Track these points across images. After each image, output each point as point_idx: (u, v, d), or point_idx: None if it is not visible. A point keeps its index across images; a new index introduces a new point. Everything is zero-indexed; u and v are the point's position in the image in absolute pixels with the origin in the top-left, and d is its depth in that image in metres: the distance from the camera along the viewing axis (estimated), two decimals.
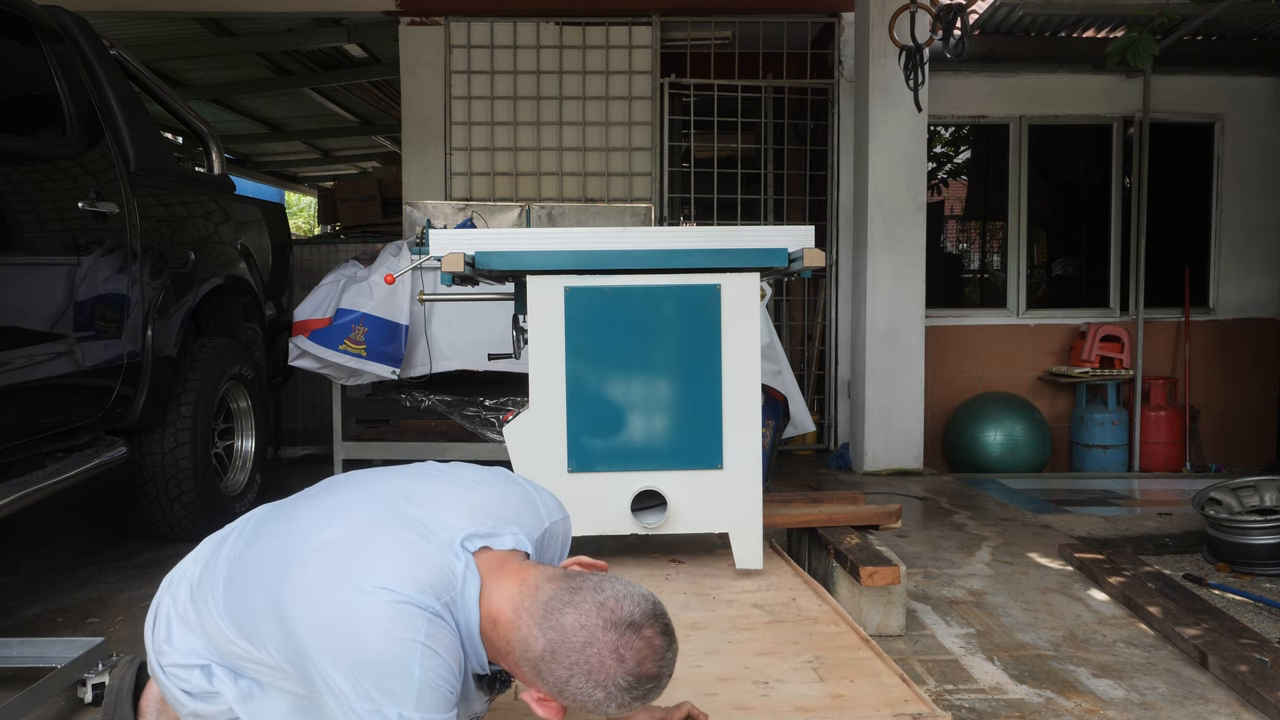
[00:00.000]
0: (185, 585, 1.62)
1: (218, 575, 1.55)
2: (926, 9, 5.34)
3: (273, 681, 1.50)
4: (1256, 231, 6.85)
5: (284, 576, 1.42)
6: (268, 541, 1.53)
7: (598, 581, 1.40)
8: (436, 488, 1.55)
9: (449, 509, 1.48)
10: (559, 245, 2.84)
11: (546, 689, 1.37)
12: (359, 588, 1.35)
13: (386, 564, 1.38)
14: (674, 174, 6.41)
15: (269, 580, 1.44)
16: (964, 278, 7.50)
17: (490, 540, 1.46)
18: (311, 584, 1.39)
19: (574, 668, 1.34)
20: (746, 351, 2.85)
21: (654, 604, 1.39)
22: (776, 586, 2.68)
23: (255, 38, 7.62)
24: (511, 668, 1.42)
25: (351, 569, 1.38)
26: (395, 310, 4.44)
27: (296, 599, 1.39)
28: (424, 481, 1.57)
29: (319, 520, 1.50)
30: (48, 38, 3.36)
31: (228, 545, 1.60)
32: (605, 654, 1.33)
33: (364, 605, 1.34)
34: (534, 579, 1.41)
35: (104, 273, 3.27)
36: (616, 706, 1.35)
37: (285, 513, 1.59)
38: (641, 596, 1.39)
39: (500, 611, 1.39)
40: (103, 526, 4.39)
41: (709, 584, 2.71)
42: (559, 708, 1.40)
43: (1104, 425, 6.55)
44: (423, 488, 1.54)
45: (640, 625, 1.35)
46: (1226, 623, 3.01)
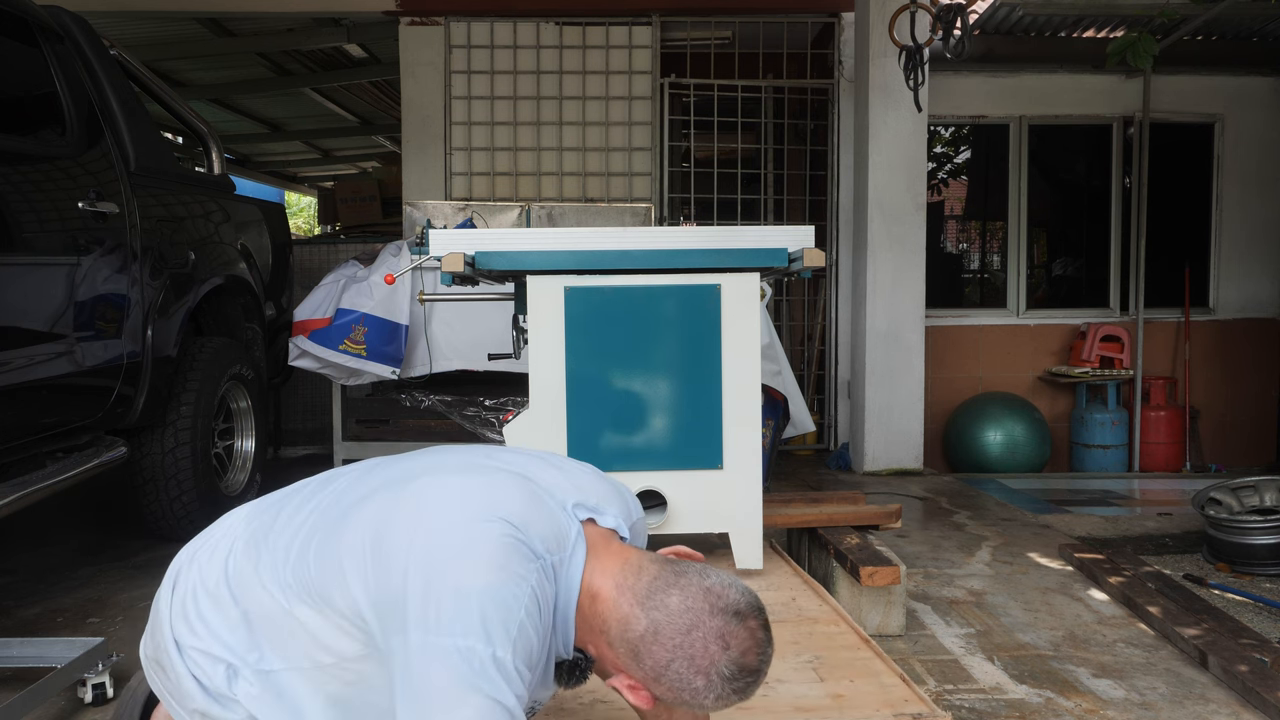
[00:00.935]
0: (217, 557, 1.48)
1: (285, 531, 1.43)
2: (926, 9, 5.34)
3: (316, 670, 1.38)
4: (1256, 231, 6.85)
5: (390, 498, 1.35)
6: (363, 484, 1.44)
7: (701, 569, 1.35)
8: (535, 457, 1.51)
9: (555, 477, 1.44)
10: (559, 245, 2.84)
11: (642, 674, 1.30)
12: (476, 513, 1.29)
13: (509, 500, 1.33)
14: (674, 174, 6.41)
15: (368, 510, 1.35)
16: (964, 278, 7.50)
17: (596, 515, 1.42)
18: (425, 500, 1.32)
19: (676, 650, 1.28)
20: (746, 351, 2.85)
21: (756, 597, 1.35)
22: (776, 586, 2.67)
23: (255, 38, 7.62)
24: (603, 651, 1.34)
25: (470, 494, 1.33)
26: (395, 310, 4.44)
27: (404, 515, 1.31)
28: (520, 454, 1.53)
29: (427, 463, 1.44)
30: (48, 38, 3.36)
31: (296, 501, 1.49)
32: (710, 639, 1.27)
33: (481, 531, 1.27)
34: (636, 559, 1.36)
35: (104, 273, 3.27)
36: (714, 698, 1.29)
37: (375, 466, 1.50)
38: (745, 588, 1.34)
39: (602, 587, 1.33)
40: (103, 526, 4.39)
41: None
42: (649, 696, 1.33)
43: (1104, 425, 6.55)
44: (521, 456, 1.50)
45: (745, 615, 1.31)
46: (1226, 623, 3.01)
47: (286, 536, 1.43)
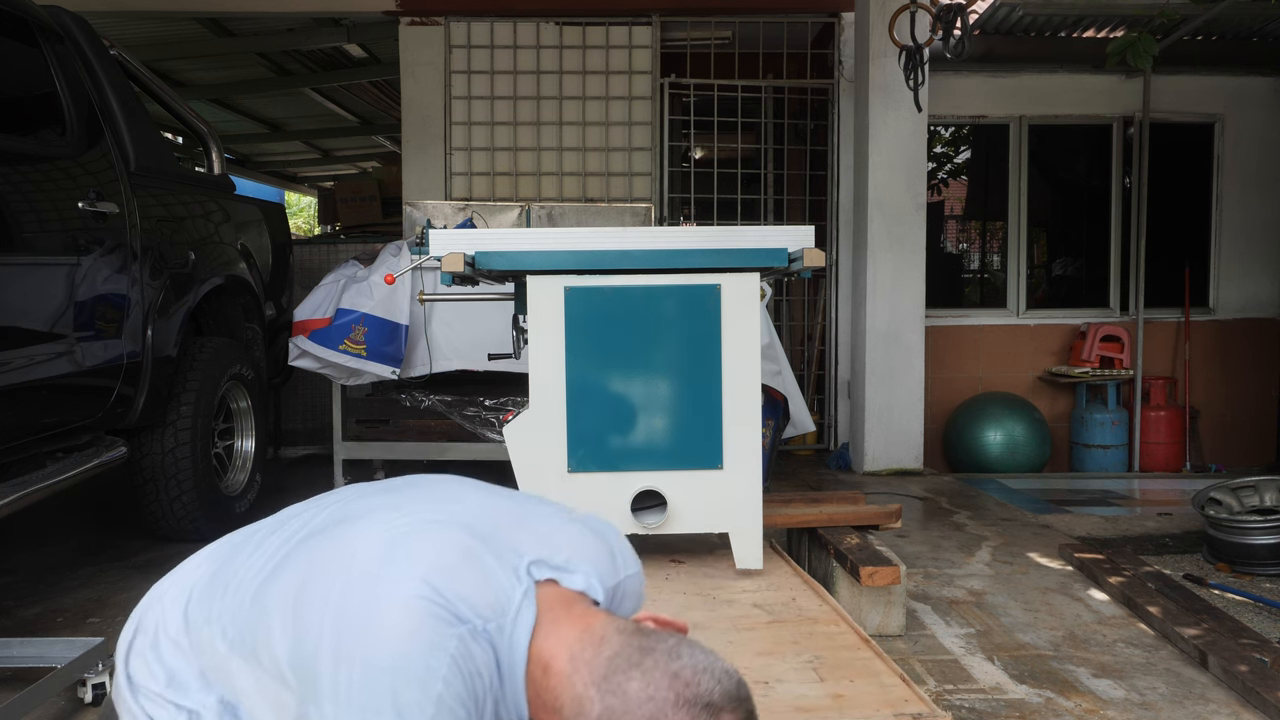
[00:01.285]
0: (179, 601, 1.40)
1: (225, 590, 1.35)
2: (926, 9, 5.34)
3: None
4: (1256, 231, 6.85)
5: (318, 549, 1.26)
6: (303, 529, 1.36)
7: (674, 645, 1.15)
8: (504, 507, 1.38)
9: (518, 531, 1.30)
10: (559, 245, 2.84)
11: None
12: (396, 574, 1.18)
13: (435, 559, 1.20)
14: (674, 174, 6.41)
15: (299, 560, 1.27)
16: (964, 278, 7.50)
17: (560, 575, 1.25)
18: (346, 557, 1.22)
19: None
20: (746, 351, 2.85)
21: (738, 684, 1.15)
22: (776, 586, 2.68)
23: (255, 38, 7.63)
24: None
25: (394, 552, 1.21)
26: (395, 310, 4.44)
27: (326, 571, 1.22)
28: (499, 498, 1.41)
29: (375, 516, 1.32)
30: (48, 38, 3.36)
31: (251, 544, 1.40)
32: None
33: (395, 593, 1.16)
34: (600, 629, 1.19)
35: (104, 273, 3.27)
36: None
37: (342, 507, 1.40)
38: (724, 673, 1.14)
39: (554, 658, 1.18)
40: (103, 526, 4.39)
41: (709, 584, 2.70)
42: None
43: (1104, 425, 6.55)
44: (497, 502, 1.39)
45: (719, 708, 1.10)
46: (1226, 623, 3.01)
47: (235, 583, 1.34)
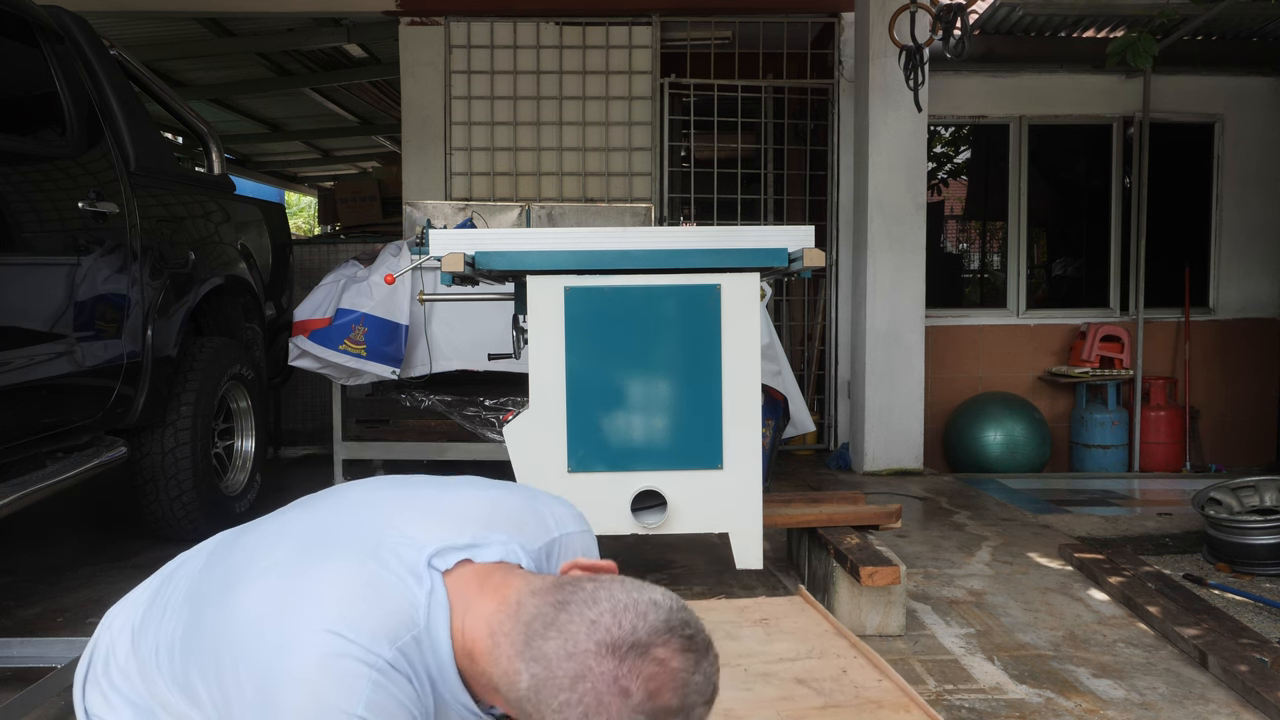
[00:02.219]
0: (127, 630, 1.33)
1: (160, 617, 1.28)
2: (926, 9, 5.34)
3: None
4: (1256, 231, 6.85)
5: (218, 614, 1.17)
6: (221, 570, 1.26)
7: (592, 591, 1.07)
8: (410, 495, 1.29)
9: (420, 522, 1.21)
10: (559, 245, 2.84)
11: None
12: (291, 634, 1.09)
13: (329, 601, 1.11)
14: (674, 174, 6.41)
15: (210, 618, 1.19)
16: (964, 278, 7.50)
17: (470, 553, 1.16)
18: (243, 624, 1.14)
19: (566, 710, 1.02)
20: (746, 351, 2.85)
21: (669, 611, 1.06)
22: (820, 653, 2.12)
23: (255, 38, 7.63)
24: (504, 708, 1.13)
25: (287, 608, 1.12)
26: (395, 310, 4.45)
27: (226, 640, 1.14)
28: (397, 489, 1.32)
29: (270, 541, 1.24)
30: (48, 38, 3.36)
31: (179, 576, 1.33)
32: (604, 689, 1.01)
33: (294, 662, 1.08)
34: (516, 594, 1.11)
35: (104, 273, 3.27)
36: None
37: (238, 537, 1.31)
38: (650, 605, 1.06)
39: (476, 640, 1.10)
40: (103, 526, 4.39)
41: (734, 649, 2.13)
42: None
43: (1104, 425, 6.55)
44: (393, 495, 1.30)
45: (648, 645, 1.03)
46: (1226, 623, 3.01)
47: (163, 624, 1.29)
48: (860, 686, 1.94)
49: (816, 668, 2.04)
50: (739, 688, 1.93)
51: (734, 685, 1.94)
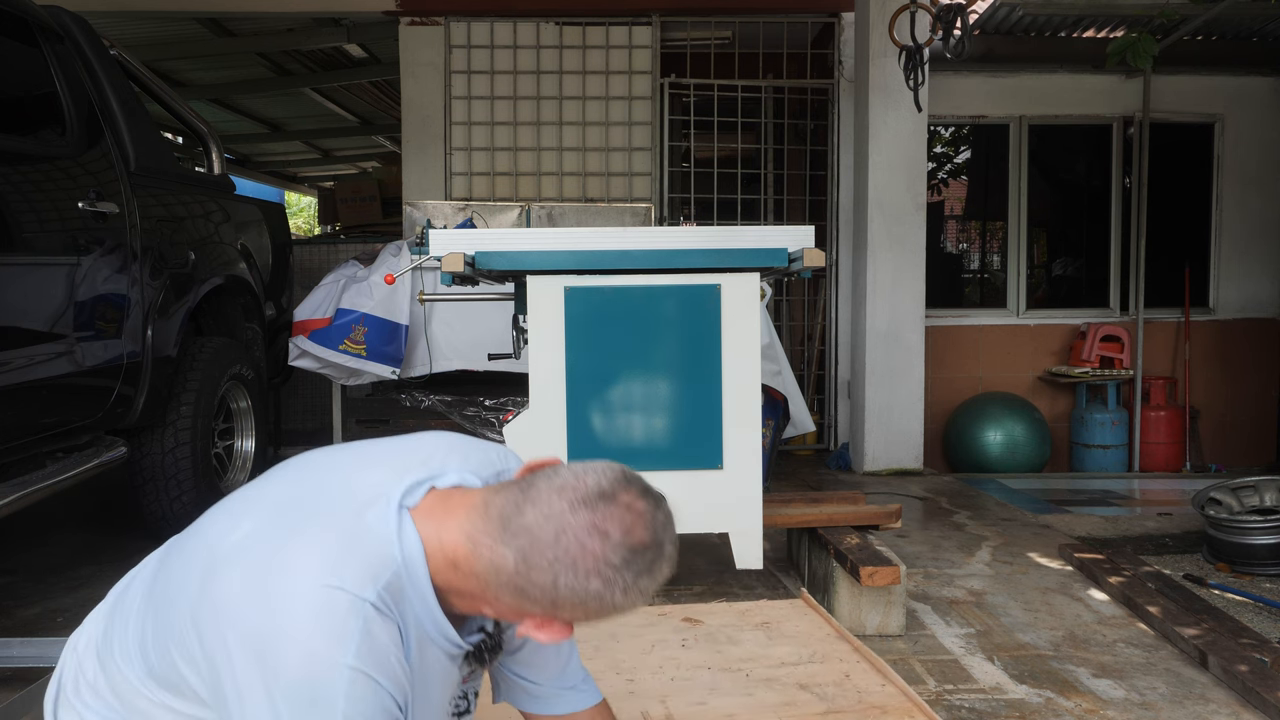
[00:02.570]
0: (91, 648, 1.35)
1: (124, 628, 1.30)
2: (926, 9, 5.34)
3: None
4: (1256, 231, 6.85)
5: (199, 592, 1.19)
6: (179, 560, 1.27)
7: (549, 471, 1.19)
8: (364, 452, 1.33)
9: (379, 471, 1.26)
10: (559, 245, 2.85)
11: (539, 608, 1.16)
12: (279, 596, 1.13)
13: (310, 560, 1.15)
14: (674, 174, 6.41)
15: (185, 600, 1.20)
16: (964, 278, 7.50)
17: (431, 482, 1.23)
18: (225, 596, 1.16)
19: (556, 565, 1.12)
20: (746, 351, 2.85)
21: (621, 470, 1.18)
22: (822, 657, 2.12)
23: (255, 38, 7.63)
24: (493, 607, 1.20)
25: (270, 574, 1.15)
26: (395, 310, 4.45)
27: (211, 619, 1.16)
28: (349, 451, 1.36)
29: (228, 521, 1.26)
30: (48, 38, 3.36)
31: (135, 584, 1.35)
32: (584, 535, 1.12)
33: (285, 619, 1.12)
34: (481, 499, 1.20)
35: (104, 273, 3.27)
36: (623, 593, 1.14)
37: (196, 526, 1.33)
38: (605, 466, 1.18)
39: (456, 548, 1.17)
40: (103, 526, 4.39)
41: (736, 653, 2.14)
42: (562, 625, 1.20)
43: (1104, 425, 6.55)
44: (347, 456, 1.34)
45: (613, 493, 1.14)
46: (1226, 623, 3.01)
47: (131, 624, 1.30)
48: (863, 691, 1.92)
49: (819, 672, 2.02)
50: (741, 693, 1.91)
51: (736, 690, 1.92)
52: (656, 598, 3.29)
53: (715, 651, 2.13)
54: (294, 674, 1.10)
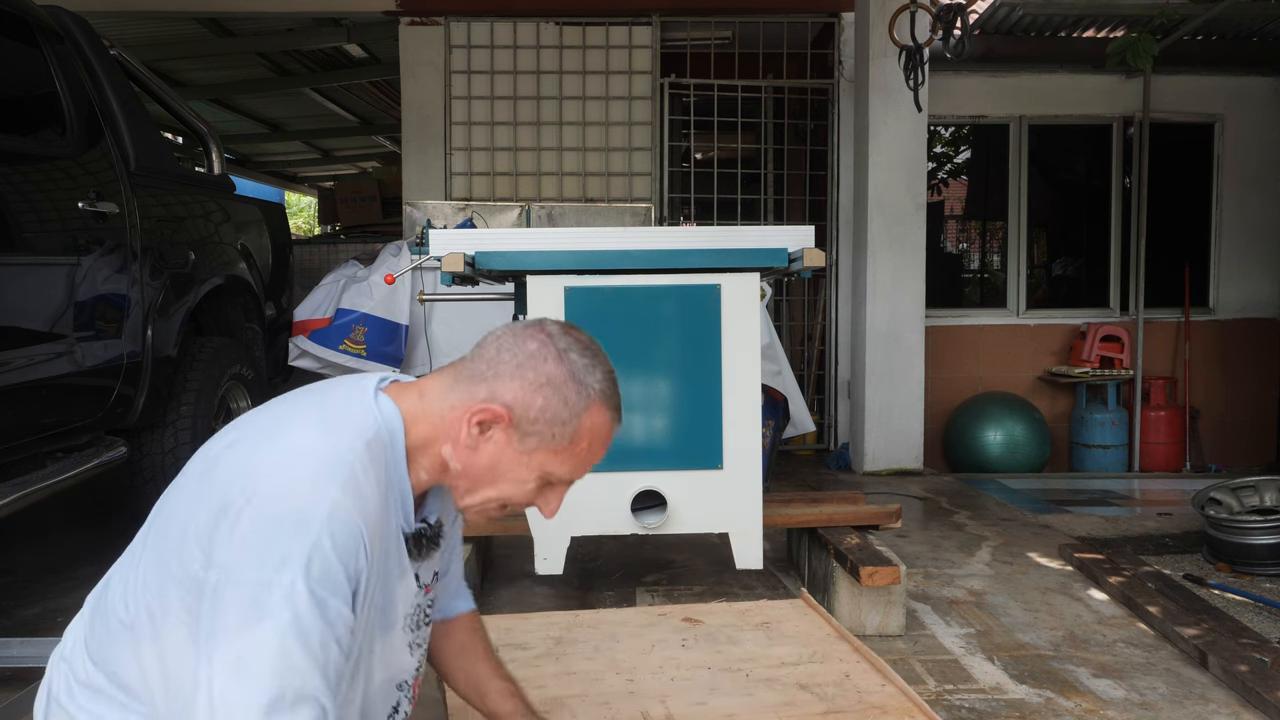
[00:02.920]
0: (80, 648, 1.36)
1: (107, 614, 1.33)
2: (926, 9, 5.34)
3: None
4: (1256, 231, 6.85)
5: (190, 512, 1.24)
6: (171, 495, 1.33)
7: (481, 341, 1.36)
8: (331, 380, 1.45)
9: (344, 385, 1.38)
10: (559, 245, 2.84)
11: (520, 435, 1.28)
12: (271, 449, 1.23)
13: (300, 428, 1.25)
14: (674, 174, 6.41)
15: (173, 533, 1.25)
16: (964, 278, 7.50)
17: (394, 379, 1.38)
18: (220, 486, 1.21)
19: (517, 373, 1.28)
20: (746, 351, 2.85)
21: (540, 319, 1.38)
22: (822, 657, 2.11)
23: (255, 38, 7.63)
24: (466, 460, 1.31)
25: (262, 442, 1.25)
26: (395, 310, 4.45)
27: (206, 509, 1.21)
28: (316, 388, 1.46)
29: (216, 439, 1.33)
30: (48, 38, 3.36)
31: (110, 586, 1.39)
32: (530, 342, 1.30)
33: (279, 458, 1.21)
34: (437, 374, 1.36)
35: (104, 273, 3.27)
36: (585, 370, 1.29)
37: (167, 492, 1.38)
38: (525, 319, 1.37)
39: (426, 386, 1.34)
40: (103, 526, 4.39)
41: (736, 653, 2.14)
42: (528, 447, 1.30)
43: (1104, 425, 6.55)
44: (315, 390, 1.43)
45: (538, 322, 1.34)
46: (1226, 623, 3.01)
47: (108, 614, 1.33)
48: (863, 691, 1.91)
49: (819, 672, 2.02)
50: (741, 693, 1.91)
51: (736, 690, 1.93)
52: (656, 598, 3.29)
53: (715, 651, 2.13)
54: (284, 502, 1.17)
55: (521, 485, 1.34)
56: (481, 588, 3.43)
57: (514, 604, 3.26)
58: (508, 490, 1.34)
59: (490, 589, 3.44)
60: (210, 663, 1.13)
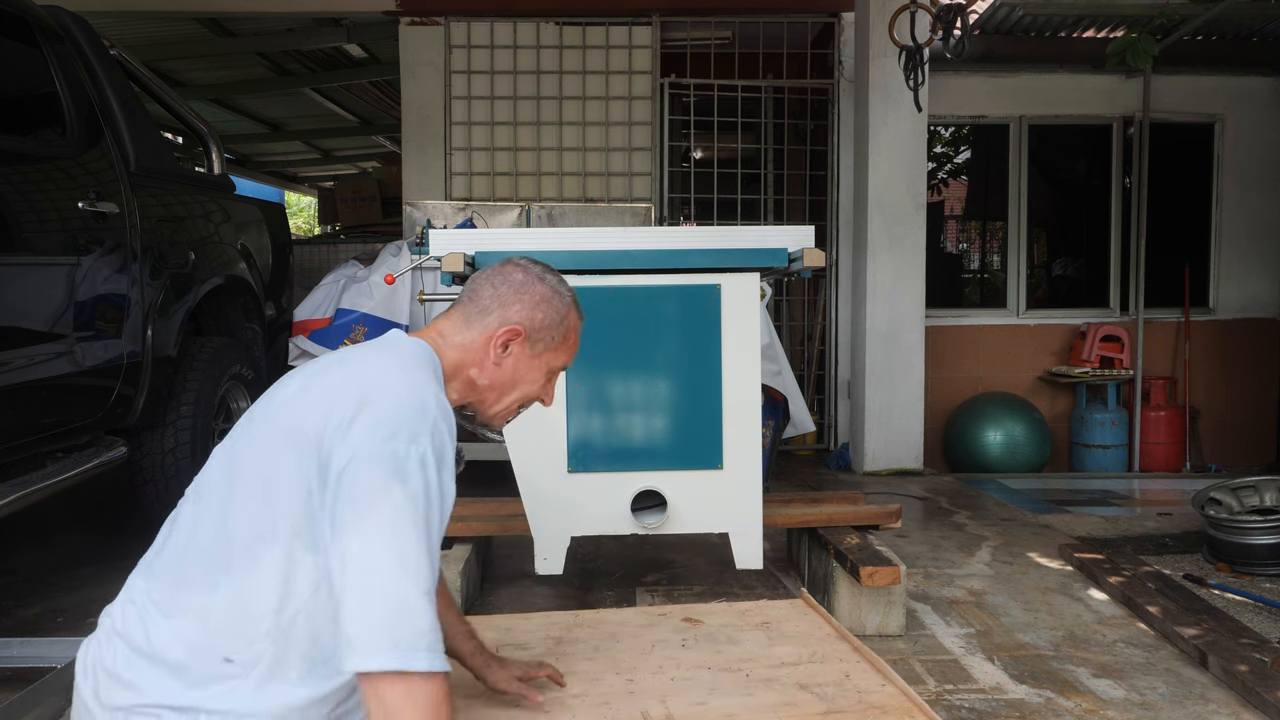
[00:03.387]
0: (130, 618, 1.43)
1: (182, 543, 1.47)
2: (926, 9, 5.34)
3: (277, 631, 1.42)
4: (1256, 231, 6.85)
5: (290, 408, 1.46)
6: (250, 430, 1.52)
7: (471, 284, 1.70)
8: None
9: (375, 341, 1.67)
10: (559, 245, 2.84)
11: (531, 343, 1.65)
12: (360, 370, 1.48)
13: (371, 355, 1.53)
14: (674, 174, 6.41)
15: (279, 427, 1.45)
16: (964, 278, 7.50)
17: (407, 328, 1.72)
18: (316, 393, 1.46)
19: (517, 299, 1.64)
20: (746, 351, 2.85)
21: None
22: (822, 657, 2.10)
23: (255, 38, 7.63)
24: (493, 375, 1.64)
25: (346, 368, 1.50)
26: (395, 310, 4.44)
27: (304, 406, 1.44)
28: None
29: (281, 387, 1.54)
30: (48, 38, 3.36)
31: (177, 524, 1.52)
32: (516, 273, 1.67)
33: (380, 377, 1.46)
34: (444, 317, 1.67)
35: (104, 273, 3.27)
36: (558, 284, 1.69)
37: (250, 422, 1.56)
38: None
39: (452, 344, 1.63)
40: (103, 526, 4.39)
41: (736, 653, 2.13)
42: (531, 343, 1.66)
43: (1104, 425, 6.55)
44: None
45: (509, 259, 1.72)
46: (1226, 623, 3.01)
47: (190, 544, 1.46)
48: (863, 691, 1.91)
49: (819, 672, 2.01)
50: (741, 693, 1.91)
51: (736, 690, 1.92)
52: (656, 598, 3.29)
53: (715, 651, 2.13)
54: (400, 395, 1.42)
55: (535, 383, 1.69)
56: (481, 587, 3.44)
57: (514, 604, 3.26)
58: (525, 389, 1.69)
59: (490, 589, 3.44)
60: (360, 524, 1.32)
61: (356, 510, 1.32)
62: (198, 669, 1.37)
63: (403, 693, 1.27)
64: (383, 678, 1.27)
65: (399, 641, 1.27)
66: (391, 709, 1.27)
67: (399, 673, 1.27)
